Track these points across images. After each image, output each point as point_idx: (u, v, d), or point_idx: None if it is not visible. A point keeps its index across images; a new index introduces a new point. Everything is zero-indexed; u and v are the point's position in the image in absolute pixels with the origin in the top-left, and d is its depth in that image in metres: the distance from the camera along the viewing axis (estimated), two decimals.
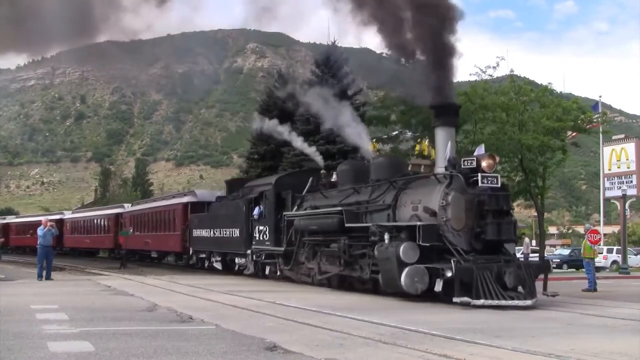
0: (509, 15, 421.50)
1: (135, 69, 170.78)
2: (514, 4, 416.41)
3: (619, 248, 32.12)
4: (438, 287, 11.33)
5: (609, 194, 33.19)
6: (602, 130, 30.29)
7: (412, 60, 22.90)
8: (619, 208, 32.06)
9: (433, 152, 24.77)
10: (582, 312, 10.83)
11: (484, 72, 23.53)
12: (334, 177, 17.37)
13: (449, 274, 11.09)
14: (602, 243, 32.40)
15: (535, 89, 24.90)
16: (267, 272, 18.83)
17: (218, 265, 22.92)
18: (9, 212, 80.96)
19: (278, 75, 38.51)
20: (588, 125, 25.97)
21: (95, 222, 41.06)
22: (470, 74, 23.80)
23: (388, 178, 14.37)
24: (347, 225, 14.07)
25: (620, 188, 31.15)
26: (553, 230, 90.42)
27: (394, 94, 24.71)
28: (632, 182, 31.05)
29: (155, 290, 14.88)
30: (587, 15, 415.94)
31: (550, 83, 24.65)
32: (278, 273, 18.01)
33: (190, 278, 19.61)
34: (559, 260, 35.99)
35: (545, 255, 28.78)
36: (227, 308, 10.90)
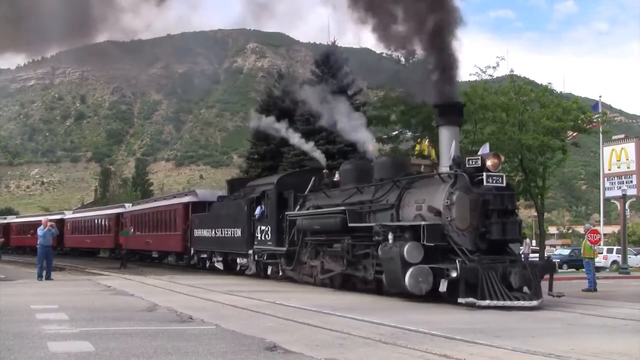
0: (509, 15, 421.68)
1: (135, 69, 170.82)
2: (514, 4, 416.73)
3: (619, 248, 32.12)
4: (443, 287, 11.23)
5: (609, 194, 33.19)
6: (602, 130, 30.32)
7: (412, 59, 23.00)
8: (619, 208, 32.05)
9: (433, 152, 24.85)
10: (582, 312, 10.82)
11: (484, 72, 23.61)
12: (337, 176, 17.26)
13: (454, 274, 10.98)
14: (602, 243, 32.41)
15: (535, 89, 24.94)
16: (269, 272, 18.73)
17: (219, 266, 22.82)
18: (9, 212, 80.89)
19: (278, 75, 38.52)
20: (588, 125, 26.01)
21: (96, 222, 41.07)
22: (470, 74, 23.89)
23: (391, 177, 14.25)
24: (350, 225, 13.96)
25: (620, 188, 31.15)
26: (553, 230, 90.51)
27: (394, 94, 24.76)
28: (632, 182, 31.05)
29: (155, 290, 14.87)
30: (587, 15, 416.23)
31: (550, 83, 24.72)
32: (280, 273, 17.89)
33: (191, 278, 19.59)
34: (559, 260, 35.91)
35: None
36: (227, 308, 10.89)
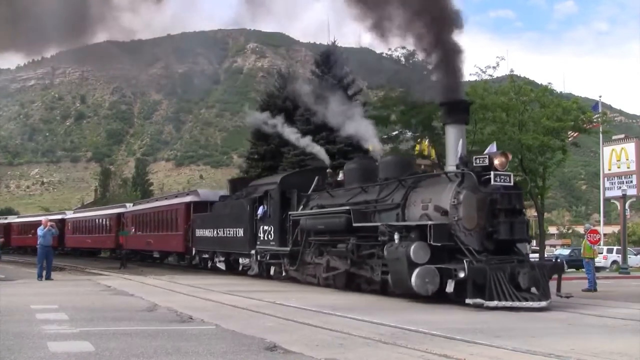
0: (509, 15, 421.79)
1: (135, 69, 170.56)
2: (514, 4, 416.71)
3: (619, 248, 32.13)
4: (449, 288, 11.08)
5: (609, 194, 33.19)
6: (602, 130, 30.36)
7: (412, 59, 23.00)
8: (619, 208, 32.06)
9: (433, 152, 24.88)
10: (582, 312, 10.81)
11: (484, 72, 23.65)
12: (341, 176, 17.13)
13: (462, 275, 10.83)
14: (602, 243, 32.42)
15: (535, 89, 24.99)
16: (272, 272, 18.60)
17: (221, 266, 22.67)
18: (9, 212, 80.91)
19: (278, 75, 38.52)
20: (588, 125, 26.04)
21: (97, 222, 41.09)
22: (470, 74, 23.92)
23: (396, 177, 14.11)
24: (355, 225, 13.79)
25: (620, 188, 31.15)
26: (553, 230, 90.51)
27: (394, 94, 24.77)
28: (632, 182, 31.05)
29: (156, 290, 14.86)
30: (587, 15, 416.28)
31: (550, 83, 24.79)
32: (283, 274, 17.74)
33: (191, 278, 19.58)
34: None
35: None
36: (227, 308, 10.89)
